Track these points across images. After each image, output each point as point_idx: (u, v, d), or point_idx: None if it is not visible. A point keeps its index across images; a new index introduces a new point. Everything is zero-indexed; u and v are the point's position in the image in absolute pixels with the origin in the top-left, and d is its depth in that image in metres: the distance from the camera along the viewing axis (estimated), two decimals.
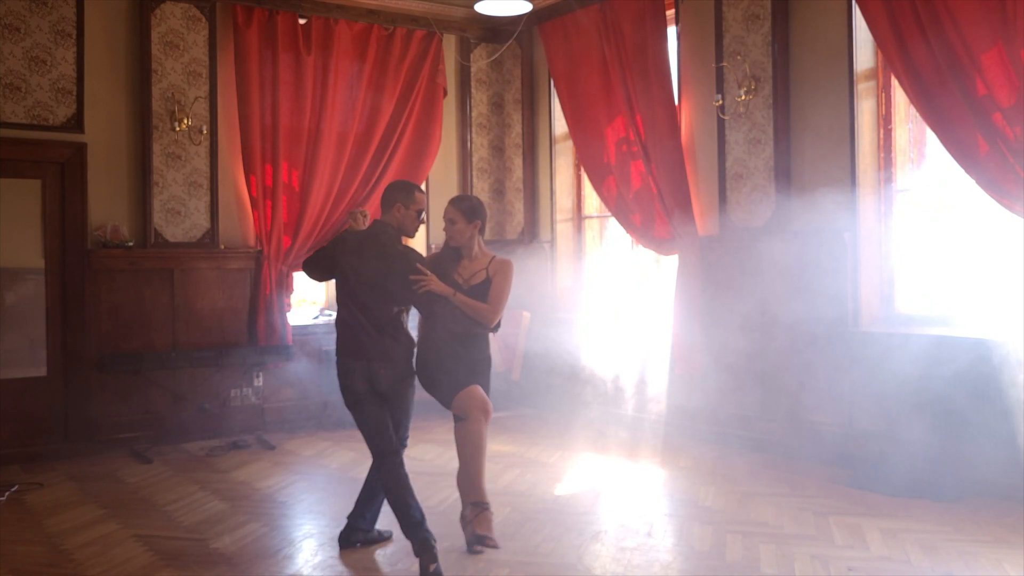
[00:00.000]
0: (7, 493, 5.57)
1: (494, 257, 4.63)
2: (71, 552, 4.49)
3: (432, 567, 4.00)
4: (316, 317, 7.94)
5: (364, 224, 4.46)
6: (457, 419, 4.40)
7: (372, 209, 7.77)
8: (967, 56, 5.03)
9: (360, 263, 4.30)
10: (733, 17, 6.51)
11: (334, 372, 7.82)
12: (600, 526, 4.81)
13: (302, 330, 7.59)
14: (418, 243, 8.43)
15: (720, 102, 6.57)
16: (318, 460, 6.47)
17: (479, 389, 4.42)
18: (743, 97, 6.40)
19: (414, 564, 4.26)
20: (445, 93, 8.25)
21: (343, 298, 4.39)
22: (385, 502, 4.45)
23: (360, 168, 7.74)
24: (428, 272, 4.30)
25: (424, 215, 4.52)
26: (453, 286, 4.40)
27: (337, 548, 4.52)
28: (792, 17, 6.23)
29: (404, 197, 4.40)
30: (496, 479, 5.79)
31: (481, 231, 4.64)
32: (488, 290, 4.48)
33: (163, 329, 6.98)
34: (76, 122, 6.65)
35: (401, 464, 4.29)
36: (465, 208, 4.60)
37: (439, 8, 8.02)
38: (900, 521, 4.76)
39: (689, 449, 6.54)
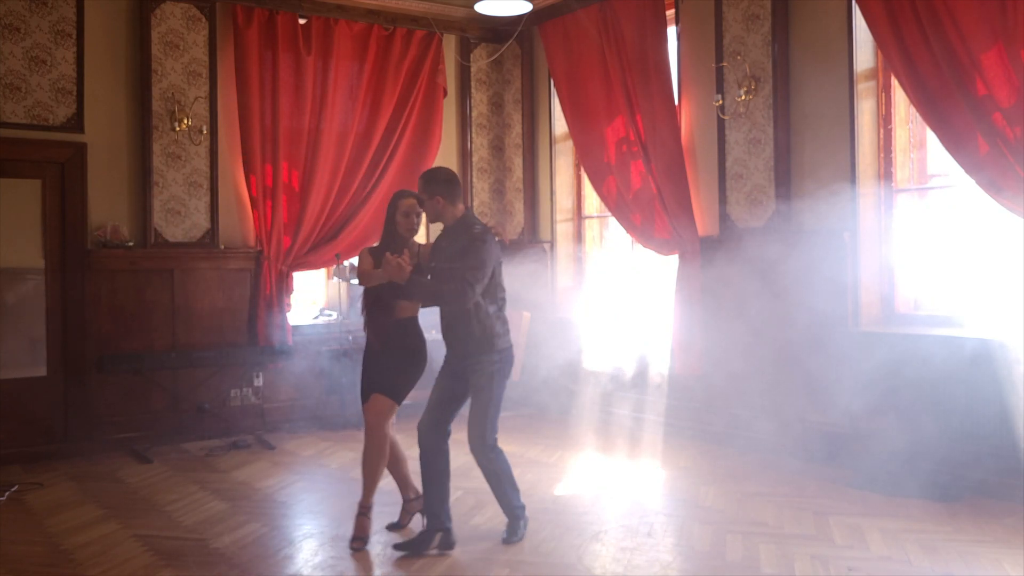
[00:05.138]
0: (7, 493, 5.57)
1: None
2: (71, 552, 4.49)
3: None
4: (316, 317, 7.93)
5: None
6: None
7: (372, 209, 7.77)
8: (967, 56, 5.03)
9: None
10: (733, 17, 6.51)
11: (333, 371, 7.87)
12: (600, 526, 4.81)
13: (302, 330, 7.59)
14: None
15: (720, 102, 6.57)
16: (318, 460, 6.47)
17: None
18: (743, 97, 6.40)
19: (415, 563, 4.27)
20: (445, 93, 8.24)
21: None
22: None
23: (360, 168, 7.74)
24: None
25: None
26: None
27: (337, 548, 4.52)
28: (792, 17, 6.23)
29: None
30: None
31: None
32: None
33: (163, 329, 6.98)
34: (76, 122, 6.65)
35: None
36: None
37: (439, 8, 8.02)
38: (900, 521, 4.77)
39: (689, 449, 6.54)
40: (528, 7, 7.57)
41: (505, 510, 4.64)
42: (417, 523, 4.78)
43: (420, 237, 5.05)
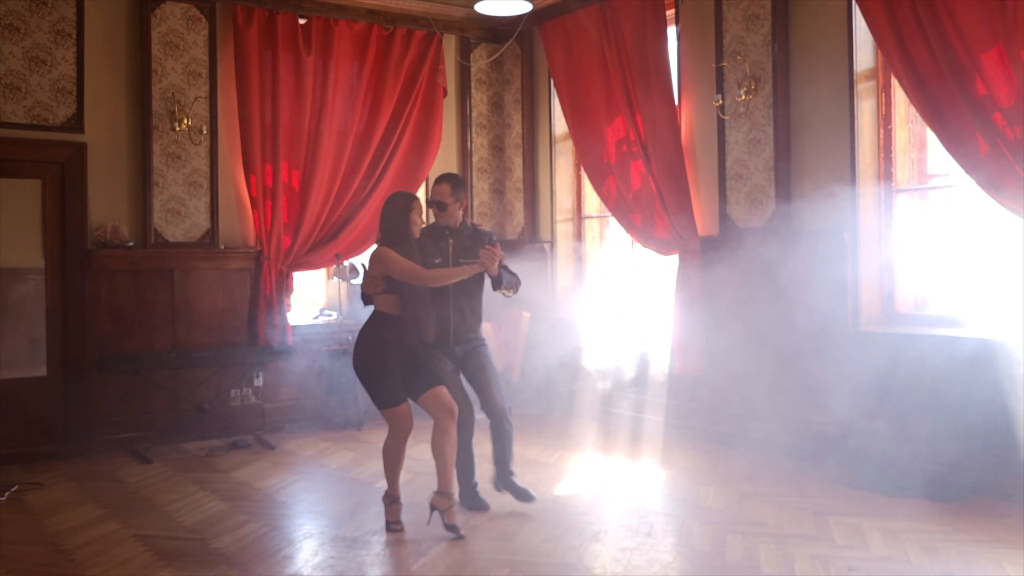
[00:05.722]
0: (7, 493, 5.57)
1: None
2: (71, 552, 4.50)
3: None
4: (316, 317, 7.93)
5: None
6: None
7: (372, 209, 7.76)
8: (967, 56, 5.03)
9: None
10: (733, 17, 6.51)
11: (333, 371, 7.85)
12: (600, 526, 4.81)
13: (302, 330, 7.59)
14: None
15: (720, 102, 6.57)
16: (318, 460, 6.47)
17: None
18: (743, 97, 6.40)
19: (415, 563, 4.27)
20: (445, 93, 8.24)
21: None
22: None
23: (360, 168, 7.74)
24: None
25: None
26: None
27: (337, 548, 4.52)
28: (792, 17, 6.23)
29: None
30: None
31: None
32: None
33: (163, 329, 6.98)
34: (76, 122, 6.65)
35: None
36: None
37: (439, 8, 8.02)
38: (900, 521, 4.77)
39: (689, 449, 6.54)
40: (528, 7, 7.57)
41: (499, 468, 5.11)
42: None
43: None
